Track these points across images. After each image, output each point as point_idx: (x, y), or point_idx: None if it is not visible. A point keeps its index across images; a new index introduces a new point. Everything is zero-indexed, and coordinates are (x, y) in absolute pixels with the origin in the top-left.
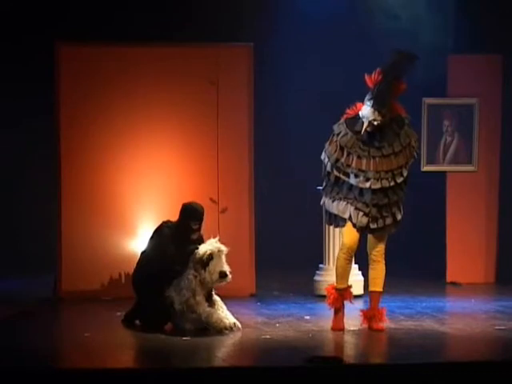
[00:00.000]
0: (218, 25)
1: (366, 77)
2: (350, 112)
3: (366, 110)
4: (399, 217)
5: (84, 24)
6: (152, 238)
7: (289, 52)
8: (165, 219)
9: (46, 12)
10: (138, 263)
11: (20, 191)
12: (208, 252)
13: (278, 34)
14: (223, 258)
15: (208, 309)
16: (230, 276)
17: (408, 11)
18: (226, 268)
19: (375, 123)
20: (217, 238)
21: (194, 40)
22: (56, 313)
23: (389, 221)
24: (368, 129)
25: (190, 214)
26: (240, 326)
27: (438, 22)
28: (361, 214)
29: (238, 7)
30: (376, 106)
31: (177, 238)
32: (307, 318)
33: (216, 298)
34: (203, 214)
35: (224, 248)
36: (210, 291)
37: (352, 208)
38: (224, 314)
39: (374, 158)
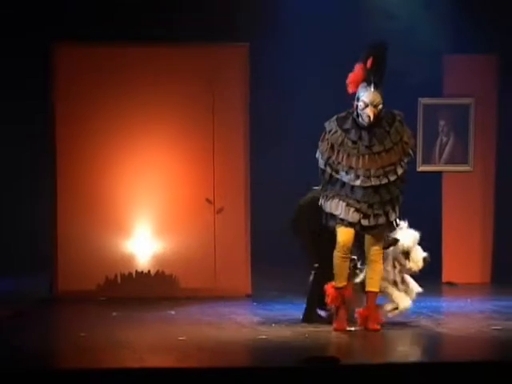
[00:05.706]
0: (214, 24)
1: (357, 66)
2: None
3: (369, 96)
4: (393, 217)
5: (82, 24)
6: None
7: (286, 51)
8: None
9: (43, 12)
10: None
11: (16, 191)
12: (411, 243)
13: (275, 34)
14: None
15: (397, 292)
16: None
17: (404, 11)
18: (425, 253)
19: (380, 107)
20: (406, 224)
21: (190, 39)
22: (52, 313)
23: (381, 220)
24: (374, 114)
25: None
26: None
27: (433, 22)
28: (352, 209)
29: (235, 7)
30: (379, 86)
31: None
32: None
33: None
34: None
35: (418, 234)
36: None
37: (344, 204)
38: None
39: (363, 155)
